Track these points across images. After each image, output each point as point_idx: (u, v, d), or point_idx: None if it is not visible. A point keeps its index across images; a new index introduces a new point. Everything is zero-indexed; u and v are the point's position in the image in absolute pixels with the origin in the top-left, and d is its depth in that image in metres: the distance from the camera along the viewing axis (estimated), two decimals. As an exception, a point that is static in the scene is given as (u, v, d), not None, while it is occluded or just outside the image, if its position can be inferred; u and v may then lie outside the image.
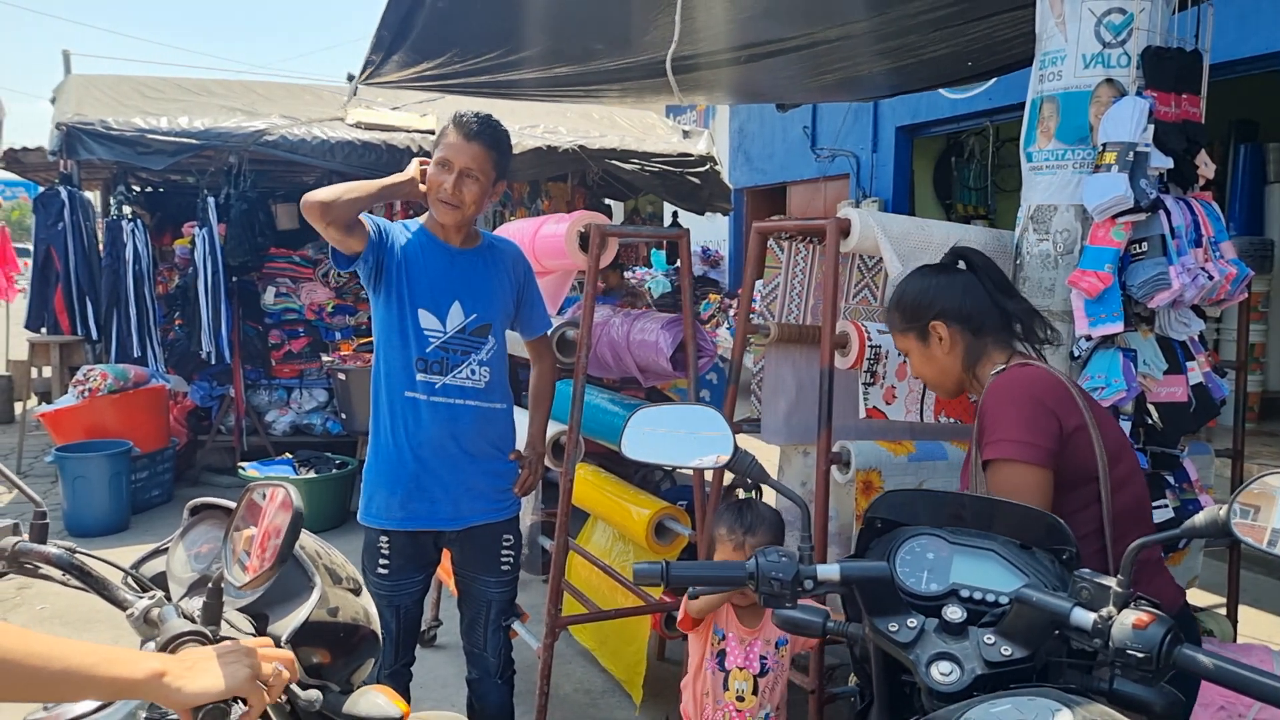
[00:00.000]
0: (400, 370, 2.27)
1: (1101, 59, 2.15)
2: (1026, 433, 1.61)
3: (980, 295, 1.81)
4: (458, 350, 2.29)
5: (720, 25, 3.13)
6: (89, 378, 5.48)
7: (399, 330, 2.26)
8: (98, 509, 5.13)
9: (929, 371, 1.88)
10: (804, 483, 2.73)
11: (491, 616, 2.47)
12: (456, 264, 2.32)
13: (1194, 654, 1.02)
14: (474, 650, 2.51)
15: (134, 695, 0.95)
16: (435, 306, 2.27)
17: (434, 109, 6.36)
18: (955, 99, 8.30)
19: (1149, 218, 2.10)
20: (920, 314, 1.84)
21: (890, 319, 1.93)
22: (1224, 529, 1.07)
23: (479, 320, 2.32)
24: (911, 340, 1.88)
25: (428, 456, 2.28)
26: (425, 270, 2.27)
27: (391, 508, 2.29)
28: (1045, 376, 1.70)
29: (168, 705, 0.94)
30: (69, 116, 5.52)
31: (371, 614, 1.31)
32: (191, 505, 1.34)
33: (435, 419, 2.27)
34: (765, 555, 1.24)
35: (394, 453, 2.29)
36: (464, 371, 2.29)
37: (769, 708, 2.14)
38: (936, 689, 1.11)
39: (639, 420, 1.42)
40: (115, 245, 5.78)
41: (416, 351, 2.25)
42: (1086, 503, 1.65)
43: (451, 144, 2.22)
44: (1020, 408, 1.64)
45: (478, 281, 2.33)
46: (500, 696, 2.51)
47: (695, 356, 2.88)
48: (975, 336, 1.80)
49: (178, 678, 0.92)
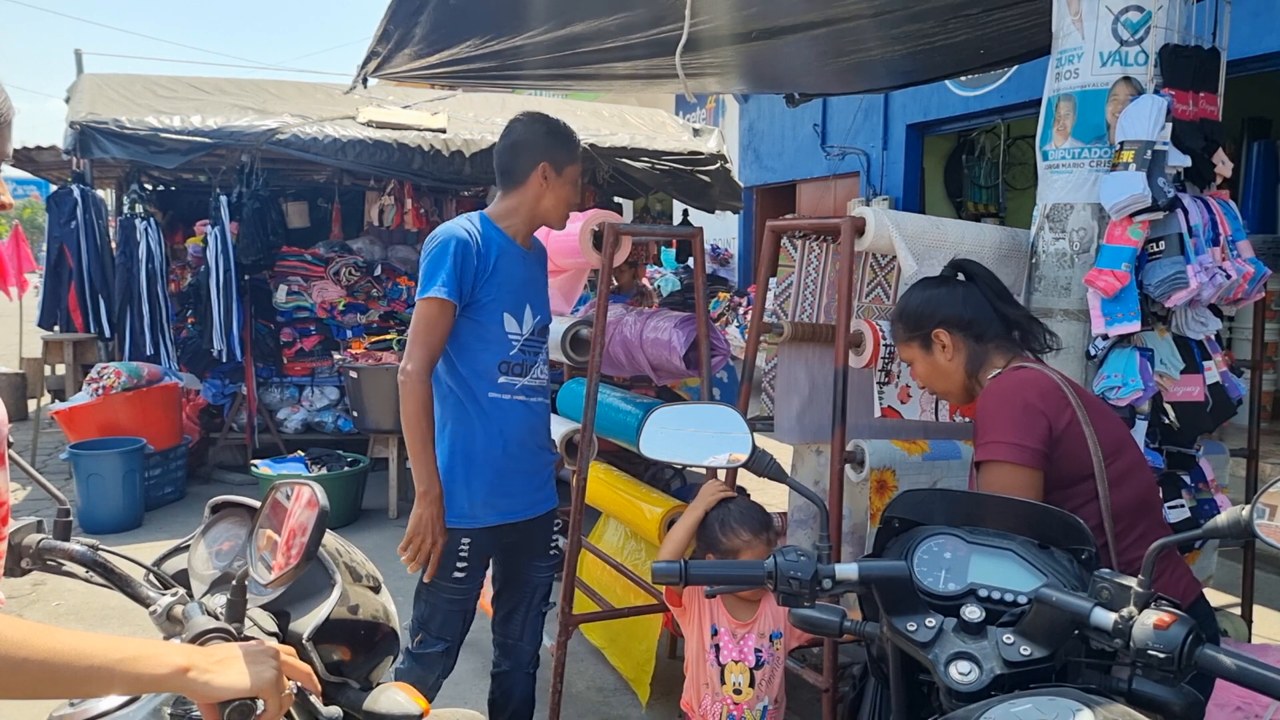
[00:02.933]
0: (483, 373, 2.28)
1: (1119, 57, 2.14)
2: (1015, 434, 1.66)
3: (980, 303, 1.87)
4: (531, 351, 2.35)
5: (731, 6, 3.12)
6: (102, 375, 5.52)
7: (483, 334, 2.27)
8: (111, 506, 5.15)
9: (934, 379, 1.93)
10: (817, 481, 2.72)
11: (534, 602, 2.50)
12: (528, 267, 2.36)
13: (1216, 654, 1.02)
14: (509, 641, 2.52)
15: (161, 689, 0.96)
16: (516, 310, 2.31)
17: (445, 107, 6.37)
18: (966, 96, 8.26)
19: (1166, 216, 2.09)
20: (923, 323, 1.89)
21: (894, 331, 1.99)
22: (1246, 530, 1.07)
23: (542, 321, 2.39)
24: (915, 349, 1.93)
25: (515, 453, 2.32)
26: (509, 275, 2.29)
27: (474, 506, 2.28)
28: (1037, 378, 1.74)
29: (193, 698, 0.94)
30: (82, 115, 5.55)
31: (391, 612, 1.31)
32: (212, 503, 1.36)
33: (519, 417, 2.32)
34: (784, 554, 1.24)
35: (483, 453, 2.28)
36: (536, 371, 2.37)
37: (767, 699, 2.15)
38: (955, 688, 1.11)
39: (657, 420, 1.42)
40: (128, 243, 5.81)
41: (501, 355, 2.28)
42: (1085, 500, 1.67)
43: (577, 164, 2.34)
44: (1010, 410, 1.69)
45: (539, 284, 2.39)
46: (527, 687, 2.53)
47: (708, 355, 2.88)
48: (977, 343, 1.86)
49: (204, 671, 0.93)
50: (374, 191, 7.21)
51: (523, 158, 2.29)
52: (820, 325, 2.68)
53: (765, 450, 1.43)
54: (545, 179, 2.29)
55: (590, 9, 3.17)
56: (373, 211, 7.14)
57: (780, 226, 2.67)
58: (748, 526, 2.11)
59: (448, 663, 2.37)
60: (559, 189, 2.32)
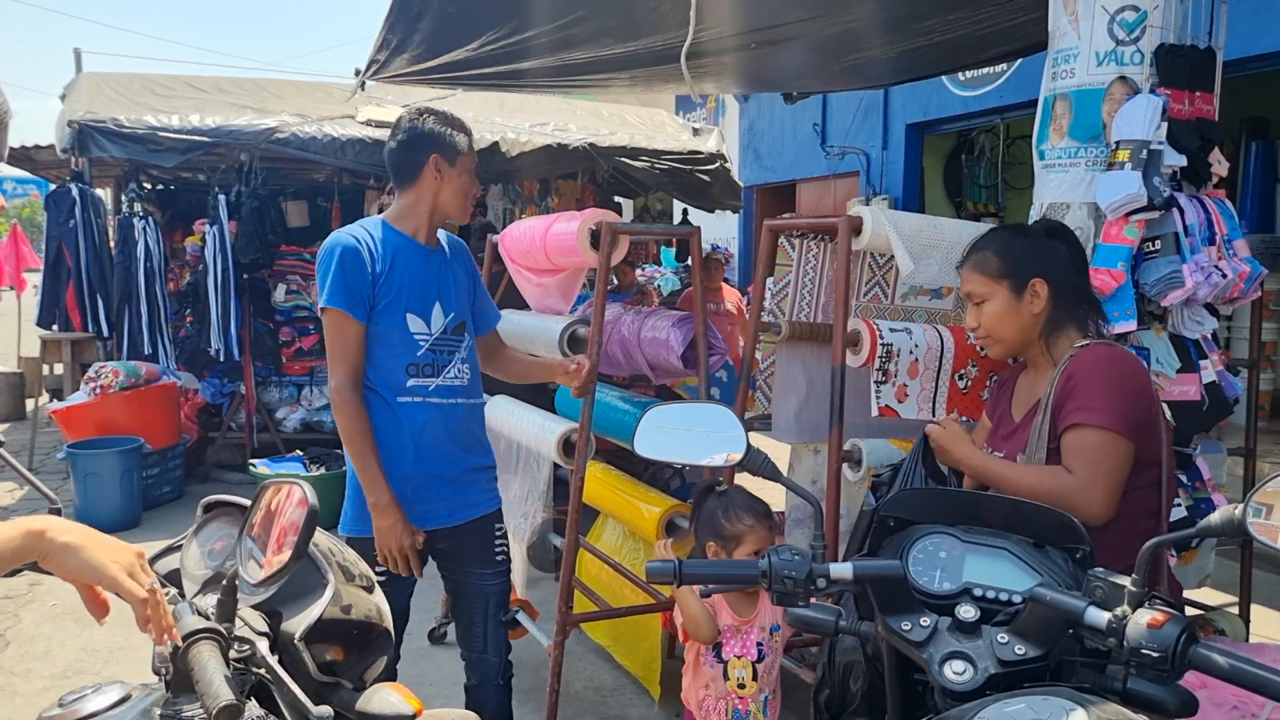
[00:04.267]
0: (390, 377, 2.23)
1: (1115, 56, 2.13)
2: (1123, 405, 1.67)
3: (1075, 270, 1.85)
4: (444, 351, 2.28)
5: (733, 7, 3.12)
6: (100, 374, 5.51)
7: (385, 338, 2.22)
8: (109, 505, 5.15)
9: (1003, 323, 1.84)
10: (814, 480, 2.72)
11: (490, 611, 2.43)
12: (432, 264, 2.29)
13: (1209, 653, 1.01)
14: (472, 654, 2.46)
15: (20, 557, 1.01)
16: (422, 310, 2.25)
17: (444, 105, 6.36)
18: (965, 96, 8.26)
19: (1162, 216, 2.09)
20: (1024, 268, 1.82)
21: (982, 264, 1.87)
22: (1240, 528, 1.06)
23: (456, 319, 2.32)
24: (1002, 289, 1.83)
25: (426, 458, 2.26)
26: (409, 275, 2.24)
27: None
28: (1136, 360, 1.77)
29: (50, 563, 1.01)
30: (80, 114, 5.55)
31: (384, 611, 1.31)
32: (205, 503, 1.35)
33: (432, 420, 2.26)
34: (778, 554, 1.23)
35: (390, 460, 2.23)
36: (452, 370, 2.30)
37: (767, 691, 2.20)
38: (950, 688, 1.11)
39: (652, 419, 1.42)
40: (126, 242, 5.81)
41: (407, 357, 2.23)
42: (1146, 485, 1.71)
43: (470, 154, 2.31)
44: (1120, 382, 1.70)
45: (449, 280, 2.32)
46: (499, 700, 2.45)
47: (706, 354, 2.88)
48: (1061, 307, 1.82)
49: (61, 533, 1.00)
50: (374, 190, 7.20)
51: (413, 154, 2.24)
52: (818, 325, 2.68)
53: (760, 449, 1.42)
54: (439, 172, 2.25)
55: (591, 15, 3.18)
56: (372, 210, 7.12)
57: (778, 225, 2.67)
58: (751, 512, 2.14)
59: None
60: (454, 180, 2.26)
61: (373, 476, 2.17)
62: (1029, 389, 1.89)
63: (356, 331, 2.18)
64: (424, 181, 2.26)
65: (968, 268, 1.90)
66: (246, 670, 1.10)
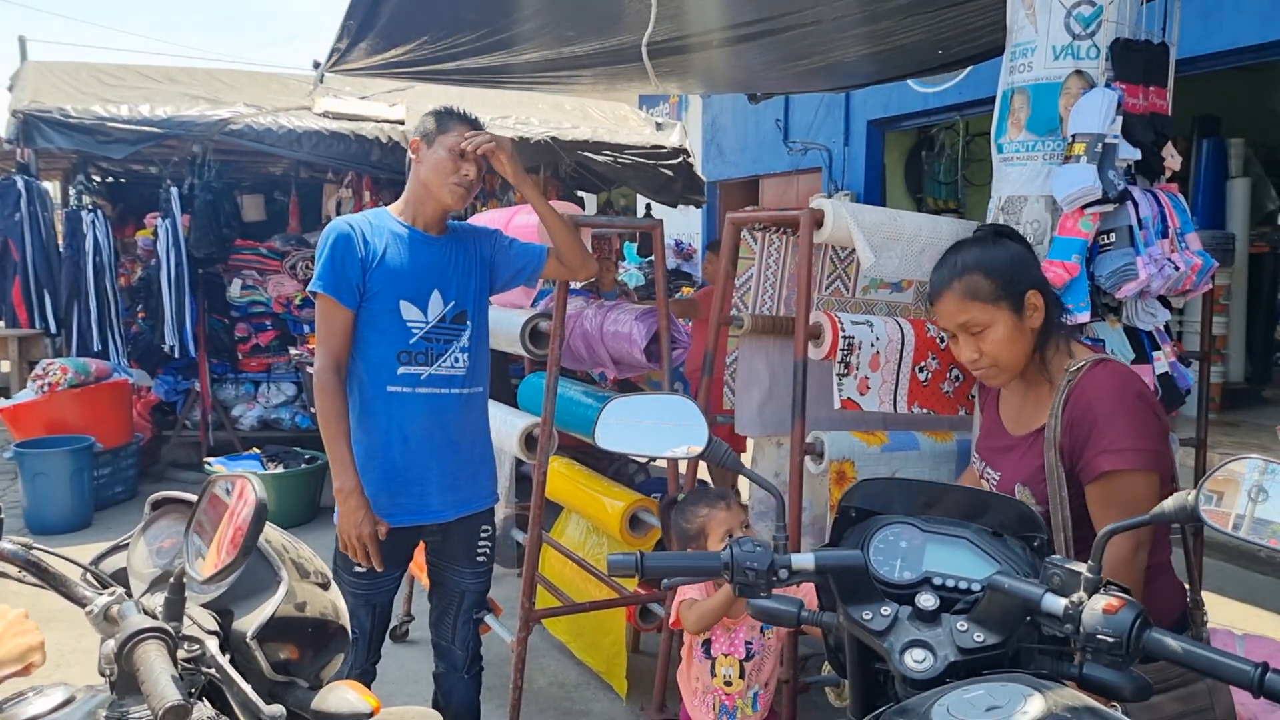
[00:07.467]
0: (380, 364, 2.23)
1: (1071, 51, 2.16)
2: (1149, 440, 1.54)
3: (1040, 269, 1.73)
4: (440, 339, 2.28)
5: (696, 6, 3.11)
6: (48, 372, 5.37)
7: (377, 324, 2.23)
8: (59, 506, 5.02)
9: (1012, 351, 1.65)
10: (777, 473, 2.73)
11: (463, 609, 2.45)
12: (434, 252, 2.30)
13: (1162, 638, 1.03)
14: (441, 643, 2.48)
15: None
16: (418, 297, 2.25)
17: (403, 99, 6.28)
18: (926, 93, 8.35)
19: (1117, 209, 2.11)
20: (1018, 281, 1.64)
21: (973, 288, 1.65)
22: (1192, 514, 1.08)
23: (457, 308, 2.31)
24: (1003, 312, 1.64)
25: (416, 449, 2.26)
26: (404, 262, 2.25)
27: (377, 505, 2.22)
28: (1138, 375, 1.63)
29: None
30: (25, 104, 5.38)
31: (341, 609, 1.28)
32: (153, 500, 1.31)
33: (423, 410, 2.26)
34: (740, 545, 1.23)
35: (379, 449, 2.25)
36: (449, 360, 2.29)
37: (757, 686, 2.21)
38: (910, 676, 1.11)
39: (612, 411, 1.40)
40: (75, 236, 5.66)
41: (399, 344, 2.23)
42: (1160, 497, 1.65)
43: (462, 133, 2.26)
44: (1140, 412, 1.56)
45: (453, 269, 2.32)
46: (466, 692, 2.48)
47: (669, 348, 2.87)
48: (1049, 316, 1.67)
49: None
50: (332, 184, 7.09)
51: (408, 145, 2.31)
52: (780, 318, 2.69)
53: (721, 440, 1.42)
54: (417, 153, 2.28)
55: (553, 10, 3.15)
56: (330, 204, 7.01)
57: (740, 219, 2.66)
58: (703, 501, 2.15)
59: (358, 655, 2.32)
60: (429, 157, 2.25)
61: (341, 461, 2.17)
62: (1021, 402, 1.76)
63: (343, 318, 2.20)
64: (412, 167, 2.31)
65: (955, 296, 1.66)
66: (196, 670, 1.07)
